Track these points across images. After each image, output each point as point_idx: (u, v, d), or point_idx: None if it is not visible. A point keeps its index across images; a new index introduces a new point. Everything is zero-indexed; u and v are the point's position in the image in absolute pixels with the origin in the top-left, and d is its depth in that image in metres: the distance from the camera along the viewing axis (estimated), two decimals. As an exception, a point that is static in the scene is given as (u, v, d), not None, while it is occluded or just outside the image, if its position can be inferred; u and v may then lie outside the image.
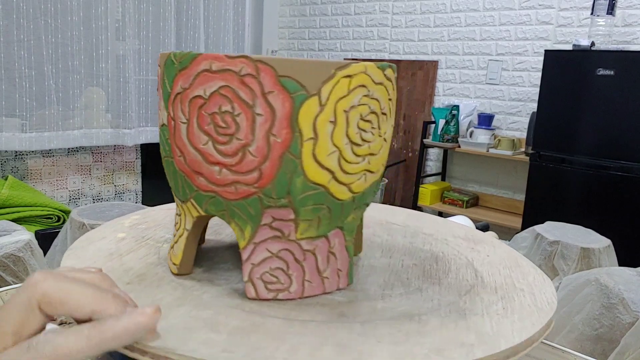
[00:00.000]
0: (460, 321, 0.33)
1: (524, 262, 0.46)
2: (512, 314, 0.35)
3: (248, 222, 0.34)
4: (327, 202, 0.34)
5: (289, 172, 0.32)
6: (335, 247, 0.36)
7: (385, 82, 0.35)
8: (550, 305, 0.37)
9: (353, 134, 0.33)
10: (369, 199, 0.38)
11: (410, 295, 0.37)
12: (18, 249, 0.78)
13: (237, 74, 0.31)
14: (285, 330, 0.31)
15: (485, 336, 0.31)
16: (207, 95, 0.32)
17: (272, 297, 0.35)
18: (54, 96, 2.28)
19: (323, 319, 0.33)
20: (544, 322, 0.34)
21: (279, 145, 0.32)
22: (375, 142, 0.35)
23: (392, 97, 0.37)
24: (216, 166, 0.33)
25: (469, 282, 0.40)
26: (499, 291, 0.39)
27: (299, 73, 0.31)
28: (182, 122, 0.34)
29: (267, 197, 0.33)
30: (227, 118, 0.32)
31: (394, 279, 0.40)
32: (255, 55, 0.31)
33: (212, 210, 0.35)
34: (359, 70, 0.33)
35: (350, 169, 0.34)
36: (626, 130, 2.12)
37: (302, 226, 0.34)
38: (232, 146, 0.32)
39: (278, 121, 0.31)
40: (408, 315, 0.34)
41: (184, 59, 0.33)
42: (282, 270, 0.35)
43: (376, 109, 0.35)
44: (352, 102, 0.33)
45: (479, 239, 0.52)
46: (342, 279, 0.37)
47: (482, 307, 0.35)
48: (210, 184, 0.34)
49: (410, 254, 0.46)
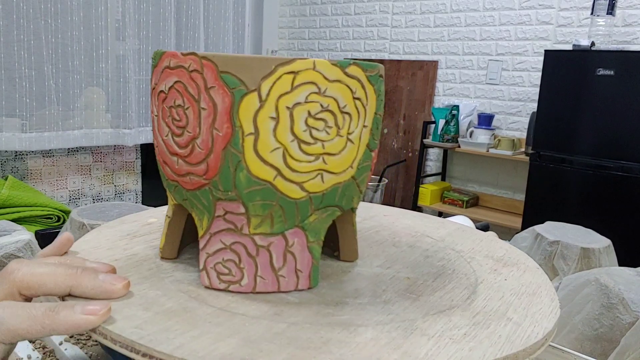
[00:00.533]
0: (399, 339, 0.30)
1: (544, 292, 0.40)
2: (470, 341, 0.31)
3: (205, 213, 0.35)
4: (277, 199, 0.34)
5: (232, 166, 0.33)
6: (295, 247, 0.36)
7: (345, 80, 0.34)
8: (529, 339, 0.32)
9: (300, 131, 0.33)
10: (340, 201, 0.37)
11: (369, 306, 0.35)
12: (18, 249, 0.78)
13: (187, 70, 0.33)
14: (208, 319, 0.31)
15: (410, 358, 0.29)
16: (167, 90, 0.34)
17: (223, 288, 0.35)
18: (54, 96, 2.28)
19: (255, 314, 0.32)
20: (501, 355, 0.30)
21: (220, 139, 0.33)
22: (333, 141, 0.34)
23: (363, 96, 0.35)
24: (175, 157, 0.35)
25: (452, 303, 0.36)
26: (477, 317, 0.35)
27: (238, 69, 0.32)
28: (155, 115, 0.36)
29: (216, 190, 0.34)
30: (179, 111, 0.34)
31: (368, 289, 0.38)
32: (203, 52, 0.33)
33: (178, 199, 0.38)
34: (305, 67, 0.32)
35: (299, 167, 0.34)
36: (626, 130, 2.12)
37: (254, 221, 0.35)
38: (184, 138, 0.34)
39: (219, 115, 0.32)
40: (345, 325, 0.32)
41: (156, 57, 0.36)
42: (234, 263, 0.35)
43: (332, 107, 0.34)
44: (297, 99, 0.32)
45: (512, 261, 0.47)
46: (303, 280, 0.36)
47: (440, 330, 0.32)
48: (173, 174, 0.36)
49: (415, 267, 0.43)
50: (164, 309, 0.32)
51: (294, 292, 0.36)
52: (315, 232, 0.37)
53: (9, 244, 0.79)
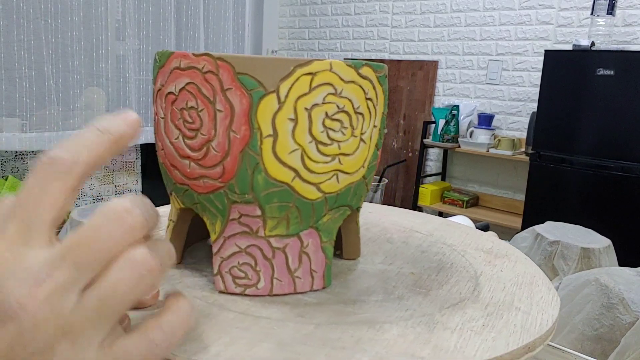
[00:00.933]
0: (424, 334, 0.31)
1: (539, 281, 0.43)
2: (490, 332, 0.33)
3: (218, 216, 0.35)
4: (293, 200, 0.34)
5: (249, 168, 0.33)
6: (309, 248, 0.36)
7: (359, 81, 0.34)
8: (541, 327, 0.34)
9: (317, 132, 0.33)
10: (352, 201, 0.38)
11: (386, 303, 0.36)
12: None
13: (200, 71, 0.32)
14: (234, 324, 0.31)
15: (442, 351, 0.30)
16: (177, 91, 0.33)
17: (239, 292, 0.35)
18: (54, 96, 2.28)
19: (279, 317, 0.32)
20: (523, 343, 0.31)
21: (238, 141, 0.32)
22: (347, 142, 0.34)
23: (374, 96, 0.36)
24: (186, 160, 0.34)
25: (460, 296, 0.38)
26: (489, 308, 0.36)
27: (256, 70, 0.32)
28: (162, 117, 0.35)
29: (231, 193, 0.33)
30: (192, 113, 0.33)
31: (379, 286, 0.39)
32: (218, 53, 0.32)
33: (187, 203, 0.37)
34: (322, 68, 0.32)
35: (317, 168, 0.34)
36: (626, 130, 2.12)
37: (270, 223, 0.34)
38: (198, 141, 0.33)
39: (237, 117, 0.32)
40: (370, 322, 0.32)
41: (162, 57, 0.35)
42: (250, 266, 0.35)
43: (347, 108, 0.34)
44: (315, 100, 0.32)
45: (503, 253, 0.49)
46: (317, 280, 0.37)
47: (459, 323, 0.33)
48: (184, 177, 0.35)
49: (415, 262, 0.45)
50: None
51: (309, 292, 0.37)
52: (328, 232, 0.37)
53: (9, 244, 0.79)
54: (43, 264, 0.21)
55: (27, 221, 0.22)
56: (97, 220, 0.22)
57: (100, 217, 0.22)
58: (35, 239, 0.22)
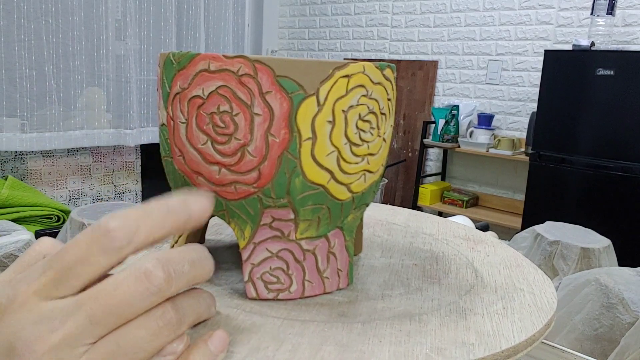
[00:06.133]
0: (461, 321, 0.33)
1: (524, 262, 0.46)
2: (513, 313, 0.35)
3: (248, 222, 0.34)
4: (326, 202, 0.34)
5: (287, 172, 0.32)
6: (335, 247, 0.36)
7: (384, 82, 0.35)
8: (550, 304, 0.37)
9: (352, 134, 0.33)
10: (369, 199, 0.38)
11: (410, 295, 0.37)
12: (18, 249, 0.78)
13: (235, 74, 0.31)
14: (286, 330, 0.31)
15: (485, 336, 0.31)
16: (206, 95, 0.32)
17: (272, 297, 0.35)
18: (54, 96, 2.28)
19: (323, 319, 0.33)
20: (544, 321, 0.34)
21: (277, 145, 0.32)
22: (374, 142, 0.35)
23: (392, 97, 0.37)
24: (215, 166, 0.33)
25: (469, 282, 0.40)
26: (498, 291, 0.39)
27: (296, 73, 0.31)
28: (181, 122, 0.34)
29: (266, 197, 0.33)
30: (225, 118, 0.32)
31: (394, 279, 0.40)
32: (252, 55, 0.32)
33: (212, 211, 0.36)
34: (357, 70, 0.33)
35: (350, 169, 0.34)
36: (626, 130, 2.12)
37: (302, 226, 0.34)
38: (231, 146, 0.32)
39: (276, 121, 0.31)
40: (408, 315, 0.34)
41: (183, 59, 0.33)
42: (282, 270, 0.35)
43: (375, 109, 0.35)
44: (351, 102, 0.33)
45: (479, 239, 0.52)
46: (343, 279, 0.37)
47: (482, 307, 0.36)
48: (210, 184, 0.34)
49: (411, 254, 0.46)
50: (232, 328, 0.31)
51: (336, 291, 0.37)
52: (350, 231, 0.38)
53: (9, 243, 0.79)
54: (59, 311, 0.22)
55: (61, 277, 0.22)
56: (121, 276, 0.22)
57: (124, 274, 0.22)
58: (62, 292, 0.22)
